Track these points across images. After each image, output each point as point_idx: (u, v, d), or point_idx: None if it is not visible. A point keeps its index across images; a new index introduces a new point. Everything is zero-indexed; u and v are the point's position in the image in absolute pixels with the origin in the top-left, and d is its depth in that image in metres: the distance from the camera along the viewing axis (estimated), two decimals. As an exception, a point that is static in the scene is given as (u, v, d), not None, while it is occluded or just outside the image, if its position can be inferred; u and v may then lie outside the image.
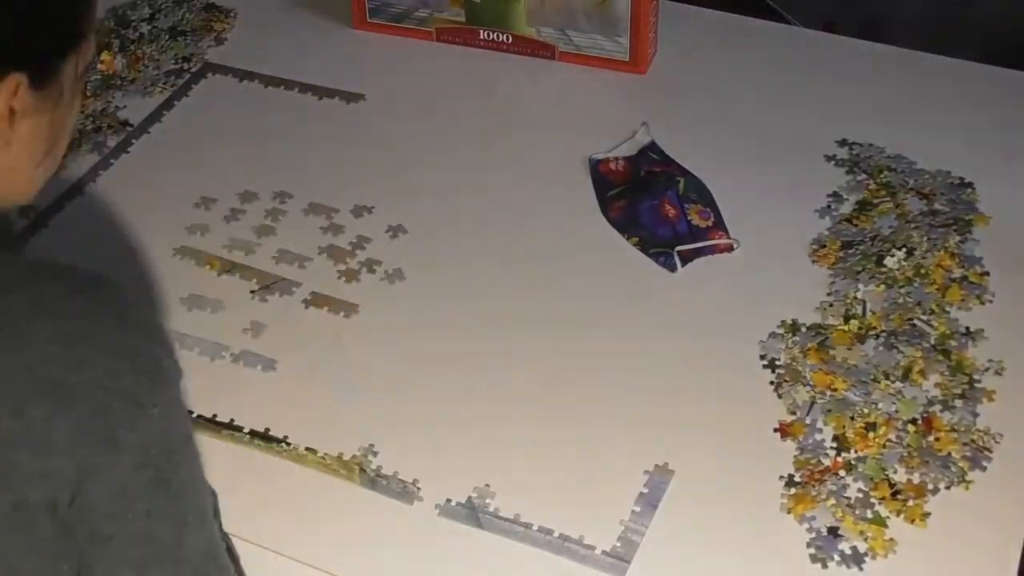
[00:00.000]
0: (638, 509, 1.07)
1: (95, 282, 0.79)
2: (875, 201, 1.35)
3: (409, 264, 1.30)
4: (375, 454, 1.12)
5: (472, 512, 1.07)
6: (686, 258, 1.30)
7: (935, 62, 1.56)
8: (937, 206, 1.34)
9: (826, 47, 1.59)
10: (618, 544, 1.05)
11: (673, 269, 1.29)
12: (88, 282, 0.79)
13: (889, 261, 1.27)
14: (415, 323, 1.24)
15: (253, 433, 1.13)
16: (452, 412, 1.16)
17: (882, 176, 1.38)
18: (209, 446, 1.12)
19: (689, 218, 1.33)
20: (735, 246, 1.31)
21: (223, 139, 1.47)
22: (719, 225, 1.33)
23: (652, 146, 1.43)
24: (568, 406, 1.16)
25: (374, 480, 1.10)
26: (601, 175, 1.40)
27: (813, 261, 1.29)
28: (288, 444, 1.12)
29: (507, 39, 1.57)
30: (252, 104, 1.53)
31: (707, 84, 1.53)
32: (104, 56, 1.56)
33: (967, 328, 1.21)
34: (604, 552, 1.04)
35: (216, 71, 1.57)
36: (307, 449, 1.12)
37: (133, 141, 1.47)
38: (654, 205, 1.34)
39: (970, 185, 1.36)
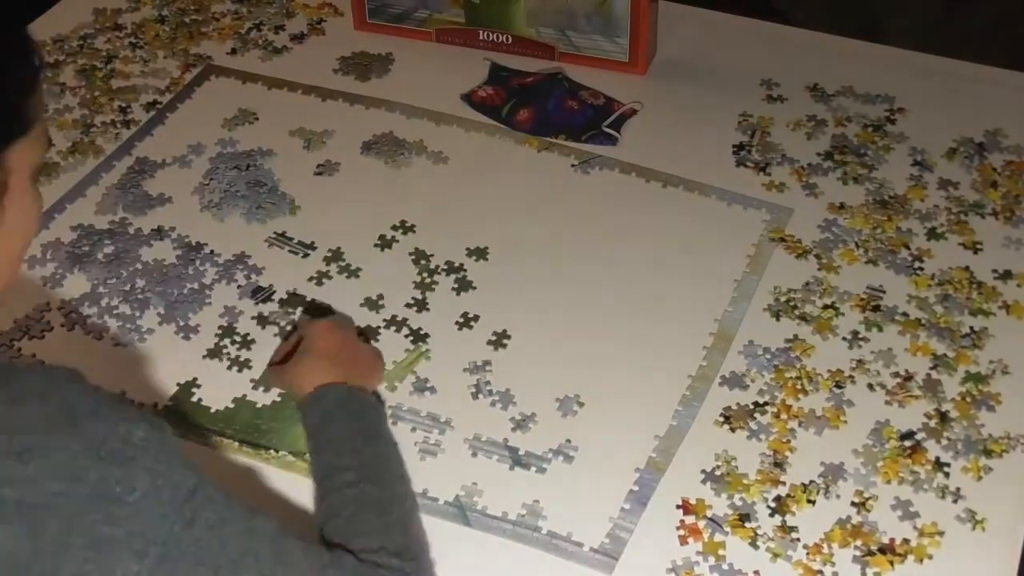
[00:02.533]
0: (627, 506, 1.07)
1: (39, 380, 0.76)
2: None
3: (391, 267, 1.31)
4: (365, 459, 1.12)
5: (460, 511, 1.07)
6: (615, 128, 1.45)
7: (933, 62, 1.55)
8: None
9: (826, 48, 1.58)
10: (606, 540, 1.05)
11: (615, 142, 1.43)
12: (32, 383, 0.75)
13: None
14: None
15: (241, 440, 1.13)
16: (438, 410, 1.16)
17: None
18: (200, 451, 1.13)
19: (588, 102, 1.49)
20: (637, 108, 1.47)
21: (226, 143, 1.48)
22: (611, 99, 1.48)
23: (502, 68, 1.56)
24: (556, 403, 1.16)
25: (363, 484, 1.10)
26: (478, 103, 1.50)
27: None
28: (276, 451, 1.13)
29: (507, 40, 1.57)
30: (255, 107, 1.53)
31: (706, 85, 1.52)
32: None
33: (971, 328, 1.21)
34: (592, 549, 1.04)
35: (219, 73, 1.58)
36: (293, 455, 1.12)
37: (136, 143, 1.47)
38: (557, 105, 1.47)
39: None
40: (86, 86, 1.55)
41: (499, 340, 1.22)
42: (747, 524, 1.06)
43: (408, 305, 1.26)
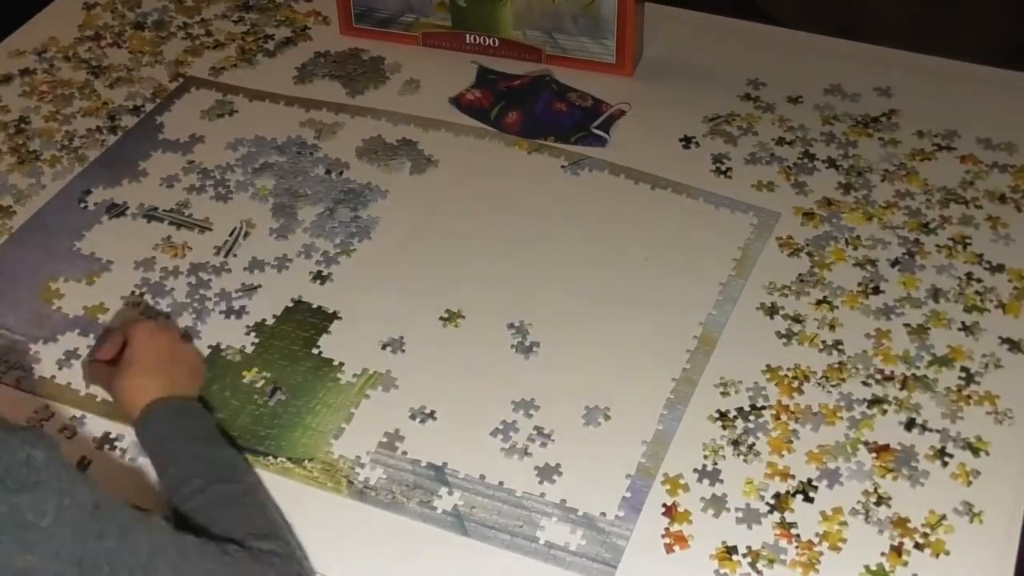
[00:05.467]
0: (621, 513, 1.07)
1: None
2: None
3: (385, 268, 1.31)
4: (362, 466, 1.11)
5: (458, 520, 1.07)
6: (604, 129, 1.45)
7: (918, 60, 1.56)
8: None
9: (812, 47, 1.59)
10: (603, 549, 1.05)
11: (604, 143, 1.43)
12: None
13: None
14: (399, 330, 1.24)
15: (240, 447, 1.13)
16: (436, 419, 1.15)
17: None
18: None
19: (576, 104, 1.48)
20: (625, 109, 1.47)
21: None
22: (599, 100, 1.49)
23: (489, 71, 1.56)
24: (549, 412, 1.16)
25: (362, 492, 1.09)
26: (466, 106, 1.49)
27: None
28: (275, 457, 1.12)
29: (494, 43, 1.56)
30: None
31: (693, 85, 1.53)
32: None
33: (963, 323, 1.22)
34: (590, 557, 1.04)
35: (200, 85, 1.57)
36: (291, 461, 1.12)
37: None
38: (545, 107, 1.47)
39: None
40: (72, 94, 1.54)
41: (483, 339, 1.22)
42: (747, 523, 1.06)
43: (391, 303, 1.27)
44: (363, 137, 1.47)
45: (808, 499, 1.07)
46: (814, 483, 1.08)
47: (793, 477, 1.09)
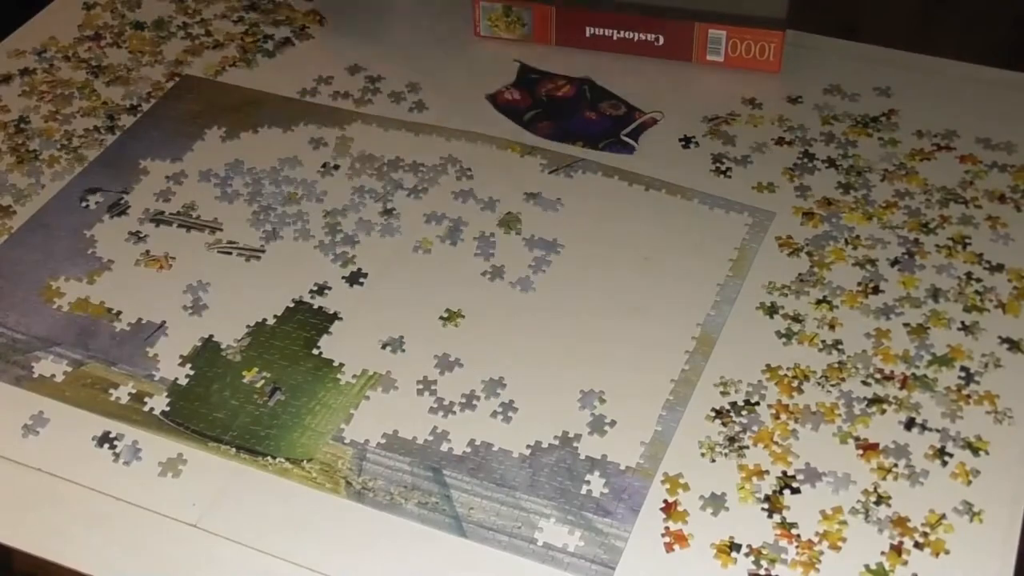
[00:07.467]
0: (620, 514, 1.07)
1: None
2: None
3: (384, 268, 1.31)
4: (360, 467, 1.11)
5: (456, 521, 1.07)
6: (633, 137, 1.45)
7: (919, 60, 1.56)
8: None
9: (811, 46, 1.59)
10: (601, 551, 1.04)
11: (632, 150, 1.42)
12: None
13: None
14: (399, 330, 1.24)
15: (239, 447, 1.13)
16: (433, 418, 1.15)
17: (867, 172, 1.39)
18: (195, 457, 1.13)
19: (607, 114, 1.49)
20: (657, 118, 1.47)
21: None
22: (632, 108, 1.49)
23: (532, 69, 1.56)
24: (548, 412, 1.16)
25: (360, 493, 1.09)
26: (504, 105, 1.50)
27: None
28: (273, 458, 1.12)
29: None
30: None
31: (692, 84, 1.53)
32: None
33: (963, 323, 1.22)
34: (588, 560, 1.04)
35: (198, 84, 1.57)
36: (290, 462, 1.12)
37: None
38: (577, 117, 1.47)
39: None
40: (72, 94, 1.55)
41: (479, 339, 1.22)
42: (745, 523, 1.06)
43: (391, 303, 1.27)
44: (360, 137, 1.47)
45: (808, 498, 1.07)
46: (814, 482, 1.08)
47: (793, 476, 1.09)
